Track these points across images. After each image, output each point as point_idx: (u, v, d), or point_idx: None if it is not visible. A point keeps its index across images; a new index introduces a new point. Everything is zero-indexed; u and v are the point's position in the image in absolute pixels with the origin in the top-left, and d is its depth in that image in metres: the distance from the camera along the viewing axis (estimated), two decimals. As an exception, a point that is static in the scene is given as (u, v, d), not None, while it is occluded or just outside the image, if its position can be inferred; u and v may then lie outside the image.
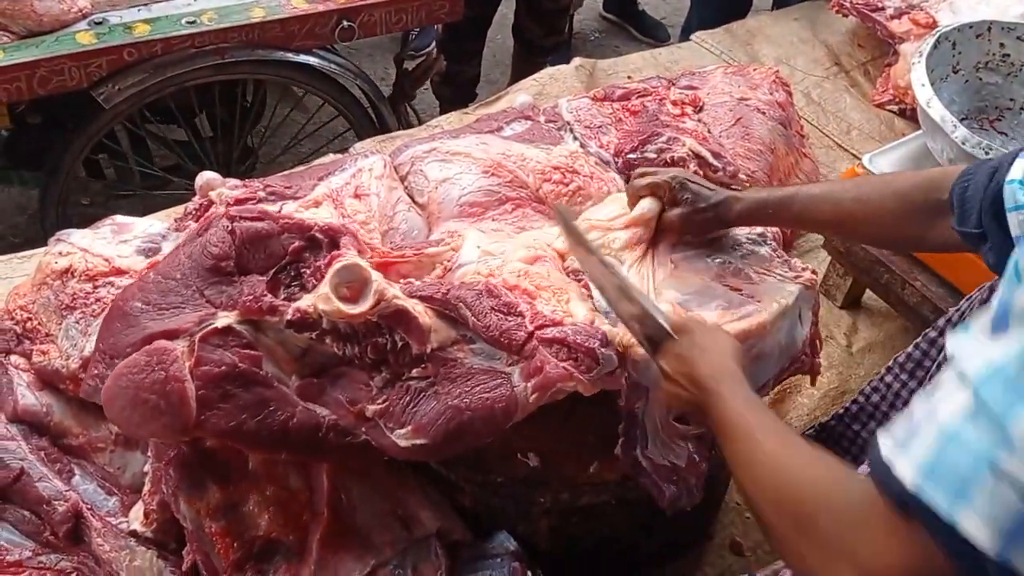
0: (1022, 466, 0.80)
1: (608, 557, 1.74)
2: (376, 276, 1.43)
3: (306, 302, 1.41)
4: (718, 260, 1.66)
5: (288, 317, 1.40)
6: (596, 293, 1.54)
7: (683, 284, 1.61)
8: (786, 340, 1.64)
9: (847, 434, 1.84)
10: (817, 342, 1.75)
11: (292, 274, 1.48)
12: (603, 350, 1.43)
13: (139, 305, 1.45)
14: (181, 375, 1.35)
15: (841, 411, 1.86)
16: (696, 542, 1.91)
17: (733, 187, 1.88)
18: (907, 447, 0.88)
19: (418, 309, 1.43)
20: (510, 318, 1.45)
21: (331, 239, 1.50)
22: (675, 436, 1.55)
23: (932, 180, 1.42)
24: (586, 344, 1.42)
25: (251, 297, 1.42)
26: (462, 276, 1.59)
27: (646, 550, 1.79)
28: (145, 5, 2.62)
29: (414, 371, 1.42)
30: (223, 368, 1.37)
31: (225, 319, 1.41)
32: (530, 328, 1.44)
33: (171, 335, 1.40)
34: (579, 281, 1.60)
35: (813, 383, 1.82)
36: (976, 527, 0.82)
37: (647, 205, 1.65)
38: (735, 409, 1.15)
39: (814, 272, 1.70)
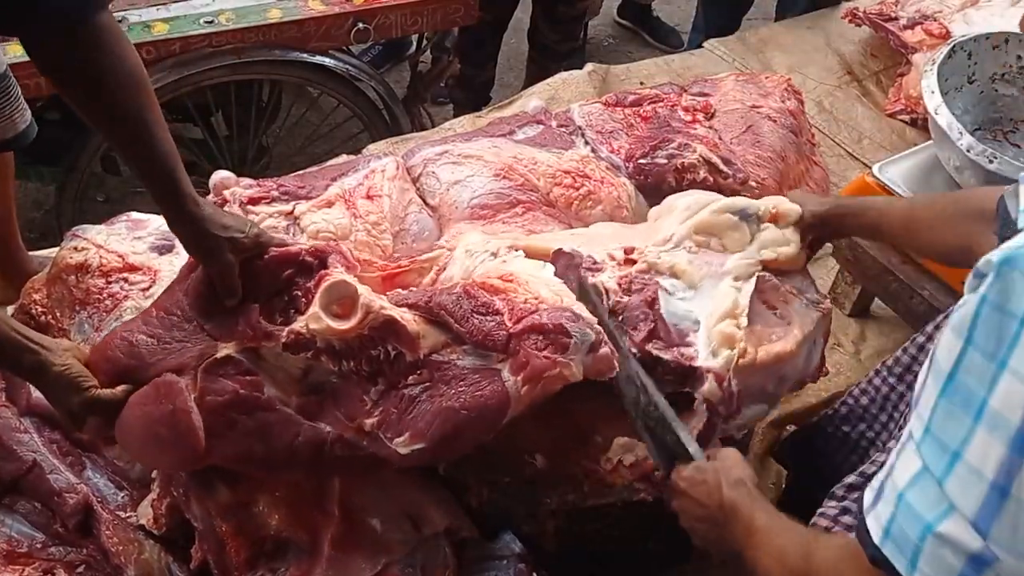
0: (960, 529, 0.85)
1: (615, 559, 1.75)
2: (363, 290, 1.44)
3: (299, 324, 1.43)
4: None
5: (283, 340, 1.42)
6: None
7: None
8: (804, 364, 1.70)
9: (836, 434, 1.85)
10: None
11: (286, 299, 1.49)
12: (572, 324, 1.43)
13: (143, 338, 1.47)
14: (187, 406, 1.38)
15: (831, 412, 1.87)
16: (702, 546, 1.91)
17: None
18: (875, 505, 0.97)
19: (407, 317, 1.44)
20: (489, 318, 1.46)
21: (320, 260, 1.51)
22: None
23: (987, 191, 1.45)
24: (554, 321, 1.43)
25: (247, 326, 1.44)
26: (447, 279, 1.60)
27: (653, 553, 1.80)
28: (164, 4, 2.64)
29: (410, 378, 1.43)
30: (226, 396, 1.39)
31: (225, 350, 1.43)
32: (510, 325, 1.45)
33: (175, 372, 1.43)
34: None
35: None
36: None
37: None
38: (759, 524, 1.25)
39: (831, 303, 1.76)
